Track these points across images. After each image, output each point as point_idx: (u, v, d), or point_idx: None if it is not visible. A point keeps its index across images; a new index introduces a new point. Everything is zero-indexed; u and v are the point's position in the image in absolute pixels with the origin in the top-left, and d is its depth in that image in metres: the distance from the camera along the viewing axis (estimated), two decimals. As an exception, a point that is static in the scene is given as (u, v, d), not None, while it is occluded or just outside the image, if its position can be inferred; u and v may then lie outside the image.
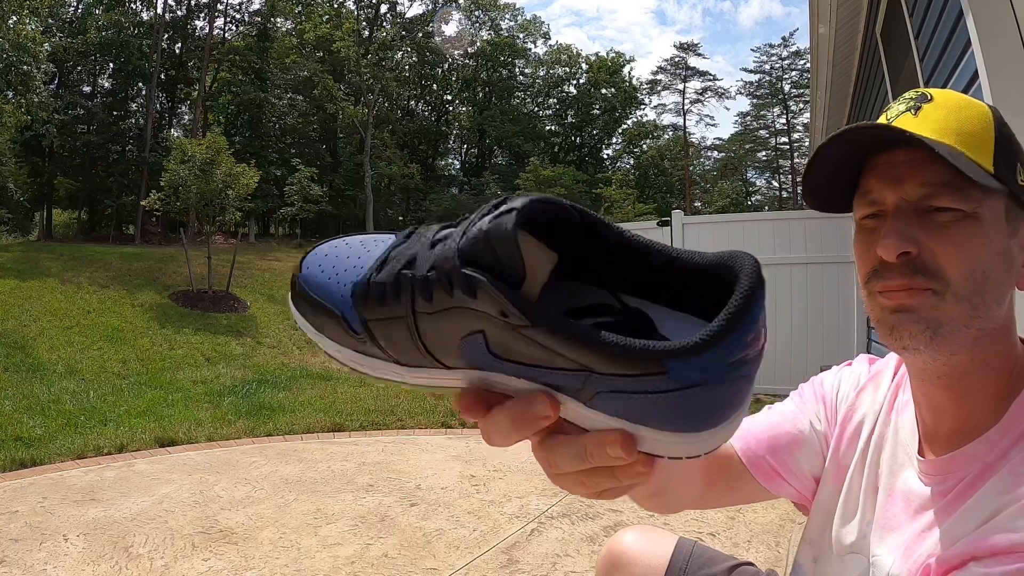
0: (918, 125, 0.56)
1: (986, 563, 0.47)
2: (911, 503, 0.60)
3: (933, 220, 0.54)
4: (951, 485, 0.56)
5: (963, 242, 0.53)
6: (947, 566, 0.50)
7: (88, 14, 26.03)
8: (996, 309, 0.54)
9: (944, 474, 0.58)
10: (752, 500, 0.82)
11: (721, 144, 40.27)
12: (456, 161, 40.46)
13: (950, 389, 0.57)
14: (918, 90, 0.59)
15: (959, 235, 0.53)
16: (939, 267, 0.54)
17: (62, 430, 4.69)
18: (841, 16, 4.62)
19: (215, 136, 13.85)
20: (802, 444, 0.76)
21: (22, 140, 20.76)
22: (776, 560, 2.23)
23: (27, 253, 15.17)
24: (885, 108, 0.61)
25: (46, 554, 2.42)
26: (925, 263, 0.54)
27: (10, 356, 7.86)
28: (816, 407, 0.78)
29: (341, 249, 0.39)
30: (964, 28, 1.96)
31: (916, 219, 0.55)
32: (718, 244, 5.95)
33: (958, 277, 0.53)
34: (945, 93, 0.58)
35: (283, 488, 3.30)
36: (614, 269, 0.35)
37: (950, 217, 0.54)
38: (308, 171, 22.27)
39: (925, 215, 0.55)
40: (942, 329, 0.54)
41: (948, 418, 0.59)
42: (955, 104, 0.57)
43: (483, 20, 36.74)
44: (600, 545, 2.40)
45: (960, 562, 0.49)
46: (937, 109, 0.57)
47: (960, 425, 0.58)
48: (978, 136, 0.55)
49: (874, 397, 0.72)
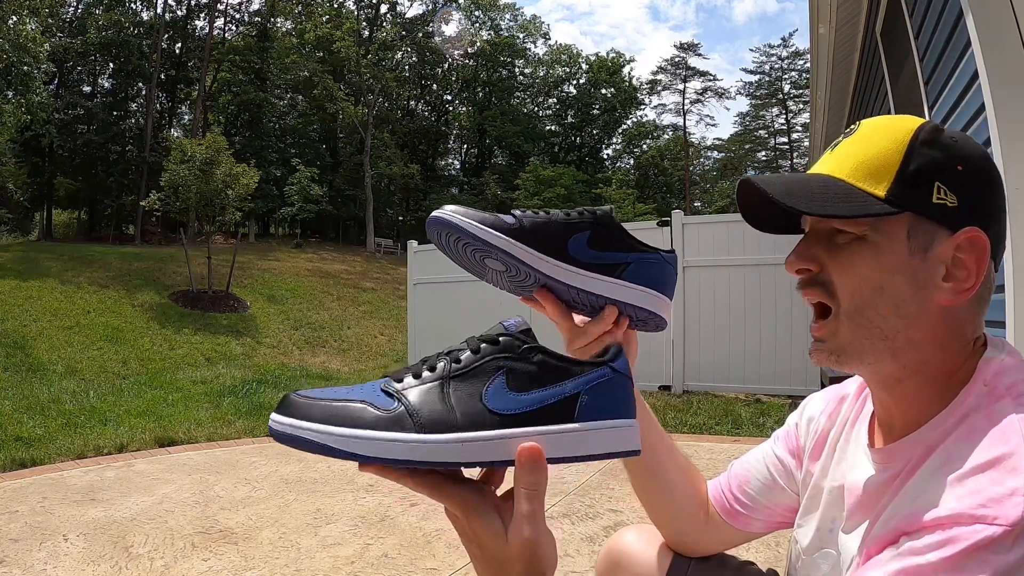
0: (827, 162, 0.63)
1: (914, 537, 0.50)
2: (868, 492, 0.64)
3: (833, 241, 0.62)
4: (899, 469, 0.60)
5: (852, 262, 0.60)
6: (883, 543, 0.53)
7: (88, 14, 26.02)
8: (898, 322, 0.59)
9: (892, 460, 0.61)
10: (735, 543, 0.90)
11: (721, 144, 40.31)
12: (456, 161, 40.47)
13: (890, 392, 0.63)
14: (857, 123, 0.65)
15: (848, 256, 0.60)
16: (833, 284, 0.62)
17: (62, 430, 4.69)
18: (841, 16, 4.62)
19: (215, 136, 13.85)
20: (763, 481, 0.84)
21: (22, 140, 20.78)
22: (776, 560, 2.23)
23: (27, 253, 15.17)
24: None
25: (46, 554, 2.42)
26: (824, 280, 0.62)
27: (10, 356, 7.86)
28: (783, 443, 0.85)
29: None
30: (964, 28, 1.96)
31: (822, 240, 0.63)
32: (718, 244, 5.95)
33: (845, 293, 0.61)
34: (873, 121, 0.63)
35: (283, 488, 3.30)
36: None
37: (845, 239, 0.61)
38: (308, 171, 22.29)
39: (831, 236, 0.62)
40: (844, 352, 0.62)
41: (898, 416, 0.64)
42: (872, 132, 0.61)
43: (483, 20, 36.75)
44: (600, 545, 2.40)
45: (894, 537, 0.52)
46: (853, 142, 0.62)
47: (909, 420, 0.62)
48: (879, 163, 0.59)
49: (840, 412, 0.78)
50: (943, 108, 2.40)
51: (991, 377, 0.57)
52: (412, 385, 0.50)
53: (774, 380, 5.67)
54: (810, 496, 0.77)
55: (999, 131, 1.71)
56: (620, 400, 0.52)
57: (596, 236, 0.68)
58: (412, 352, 8.00)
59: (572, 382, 0.50)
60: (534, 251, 0.65)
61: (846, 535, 0.66)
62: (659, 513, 0.90)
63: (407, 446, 0.46)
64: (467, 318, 6.70)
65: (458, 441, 0.47)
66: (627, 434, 0.51)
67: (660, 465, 0.86)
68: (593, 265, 0.68)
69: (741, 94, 45.41)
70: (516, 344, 0.50)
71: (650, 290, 0.69)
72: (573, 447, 0.49)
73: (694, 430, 4.57)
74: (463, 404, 0.48)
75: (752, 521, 0.86)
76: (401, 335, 12.05)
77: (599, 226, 0.68)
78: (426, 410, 0.48)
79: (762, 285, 5.76)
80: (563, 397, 0.50)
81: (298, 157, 25.91)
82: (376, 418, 0.47)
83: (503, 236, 0.65)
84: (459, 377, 0.50)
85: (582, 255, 0.67)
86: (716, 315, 5.92)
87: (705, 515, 0.88)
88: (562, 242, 0.67)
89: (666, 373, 6.04)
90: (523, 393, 0.49)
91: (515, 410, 0.49)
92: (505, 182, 31.36)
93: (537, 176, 27.77)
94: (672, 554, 0.91)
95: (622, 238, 0.69)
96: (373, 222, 27.62)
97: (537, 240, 0.66)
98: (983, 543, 0.45)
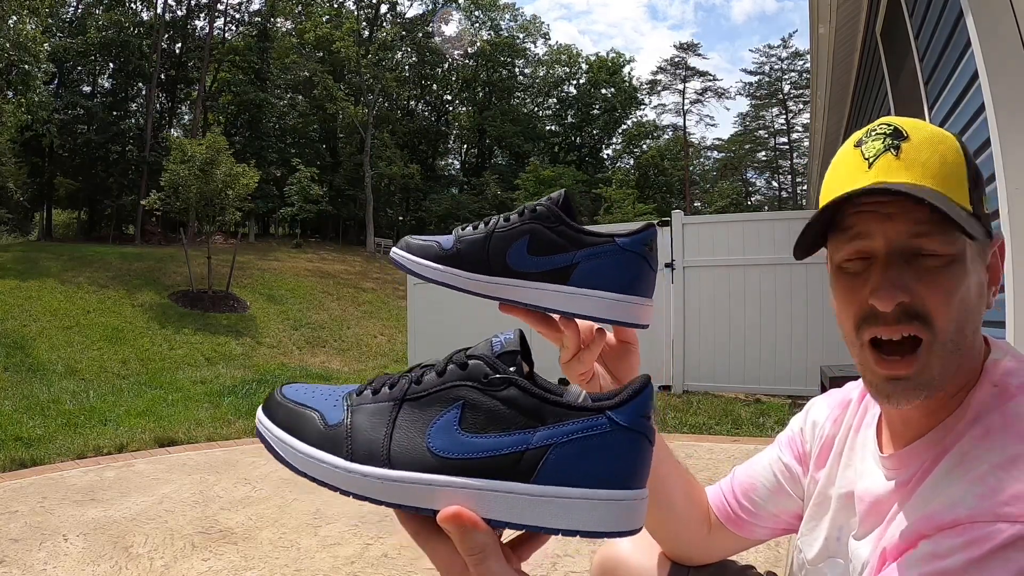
0: (903, 169, 0.55)
1: (934, 540, 0.48)
2: (879, 499, 0.62)
3: (922, 265, 0.55)
4: (911, 473, 0.59)
5: (949, 287, 0.54)
6: (900, 548, 0.52)
7: (88, 14, 26.00)
8: (973, 339, 0.57)
9: (905, 465, 0.60)
10: (736, 550, 0.88)
11: (721, 144, 40.29)
12: (456, 161, 40.45)
13: (920, 409, 0.59)
14: (887, 122, 0.58)
15: (946, 281, 0.54)
16: (928, 313, 0.55)
17: (62, 430, 4.69)
18: (841, 16, 4.62)
19: (215, 136, 13.84)
20: (770, 488, 0.82)
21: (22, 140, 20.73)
22: (776, 560, 2.22)
23: (27, 253, 15.16)
24: (859, 143, 0.59)
25: (46, 554, 2.42)
26: (916, 310, 0.55)
27: (10, 356, 7.86)
28: (789, 449, 0.82)
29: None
30: (964, 28, 1.96)
31: (906, 265, 0.55)
32: (718, 244, 5.95)
33: (945, 323, 0.55)
34: (916, 127, 0.58)
35: (283, 488, 3.30)
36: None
37: (937, 263, 0.54)
38: (308, 171, 22.25)
39: (913, 260, 0.55)
40: (934, 384, 0.56)
41: (909, 421, 0.62)
42: (930, 140, 0.57)
43: (483, 20, 36.73)
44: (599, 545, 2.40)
45: (912, 542, 0.51)
46: (918, 149, 0.56)
47: (920, 425, 0.60)
48: (956, 175, 0.55)
49: (844, 417, 0.76)
50: (943, 108, 2.40)
51: (1000, 378, 0.57)
52: (367, 401, 0.44)
53: (774, 380, 5.67)
54: (816, 504, 0.75)
55: (999, 131, 1.71)
56: (610, 463, 0.38)
57: (535, 240, 0.59)
58: (412, 352, 7.99)
59: (545, 430, 0.39)
60: (468, 273, 0.61)
61: (857, 542, 0.65)
62: (661, 532, 0.86)
63: (334, 472, 0.41)
64: (467, 319, 6.70)
65: (379, 478, 0.41)
66: (609, 510, 0.38)
67: (667, 497, 0.80)
68: (537, 274, 0.59)
69: (741, 94, 45.40)
70: (484, 372, 0.40)
71: (606, 293, 0.57)
72: (522, 513, 0.38)
73: (694, 430, 4.57)
74: (403, 436, 0.41)
75: (756, 528, 0.84)
76: (401, 335, 12.04)
77: (537, 227, 0.59)
78: (362, 437, 0.42)
79: (762, 285, 5.75)
80: (523, 448, 0.38)
81: (298, 157, 25.86)
82: (319, 434, 0.43)
83: (438, 266, 0.63)
84: (413, 402, 0.42)
85: (523, 264, 0.59)
86: (716, 315, 5.92)
87: (708, 529, 0.86)
88: (501, 255, 0.60)
89: (666, 373, 6.04)
90: (476, 435, 0.39)
91: (458, 455, 0.39)
92: (505, 182, 31.34)
93: (537, 176, 27.75)
94: (670, 562, 0.88)
95: (566, 234, 0.59)
96: (373, 222, 27.60)
97: (474, 261, 0.61)
98: (1007, 541, 0.45)
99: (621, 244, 0.58)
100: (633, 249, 0.58)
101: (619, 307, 0.58)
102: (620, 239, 0.59)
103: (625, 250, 0.58)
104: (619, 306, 0.58)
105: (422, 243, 0.65)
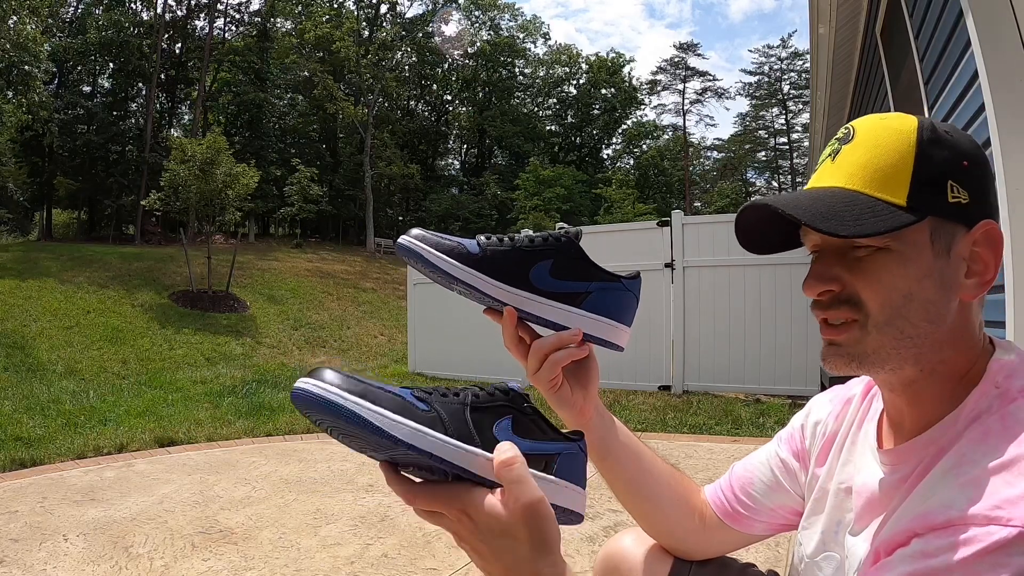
0: (834, 173, 0.60)
1: (926, 538, 0.49)
2: (877, 494, 0.63)
3: (853, 255, 0.60)
4: (909, 471, 0.59)
5: (878, 275, 0.58)
6: (893, 544, 0.53)
7: (88, 14, 26.02)
8: (928, 327, 0.58)
9: (903, 462, 0.61)
10: (736, 546, 0.89)
11: (721, 144, 40.33)
12: (456, 161, 40.48)
13: (902, 394, 0.62)
14: (849, 125, 0.62)
15: (874, 268, 0.58)
16: (860, 299, 0.59)
17: (62, 430, 4.69)
18: (841, 16, 4.62)
19: (215, 136, 13.84)
20: (767, 483, 0.84)
21: (22, 140, 20.77)
22: (776, 560, 2.23)
23: (27, 253, 15.16)
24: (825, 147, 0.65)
25: (46, 554, 2.42)
26: (849, 296, 0.60)
27: (10, 356, 7.86)
28: (787, 445, 0.84)
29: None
30: (964, 28, 1.96)
31: (839, 257, 0.61)
32: (718, 244, 5.95)
33: (877, 307, 0.58)
34: (867, 123, 0.61)
35: (283, 488, 3.30)
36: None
37: (866, 252, 0.59)
38: (308, 171, 22.27)
39: (848, 251, 0.60)
40: (867, 359, 0.60)
41: (909, 418, 0.63)
42: (874, 136, 0.59)
43: (483, 20, 36.73)
44: (600, 545, 2.40)
45: (905, 539, 0.52)
46: (855, 149, 0.60)
47: (920, 421, 0.61)
48: (893, 169, 0.57)
49: (846, 414, 0.77)
50: (943, 108, 2.40)
51: (1003, 379, 0.57)
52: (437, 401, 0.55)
53: (774, 380, 5.67)
54: (816, 498, 0.76)
55: (999, 131, 1.71)
56: (578, 471, 0.61)
57: (559, 264, 0.70)
58: (412, 352, 7.99)
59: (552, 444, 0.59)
60: (495, 281, 0.68)
61: (853, 537, 0.66)
62: (651, 525, 0.89)
63: (438, 443, 0.52)
64: (467, 319, 6.70)
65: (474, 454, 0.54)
66: (578, 498, 0.61)
67: (648, 488, 0.86)
68: (554, 294, 0.70)
69: (741, 94, 45.40)
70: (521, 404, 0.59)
71: (609, 320, 0.71)
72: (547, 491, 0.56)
73: (694, 430, 4.57)
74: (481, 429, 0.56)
75: (754, 523, 0.85)
76: (401, 335, 12.05)
77: (561, 254, 0.70)
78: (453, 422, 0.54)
79: (762, 285, 5.76)
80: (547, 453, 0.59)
81: (298, 157, 25.90)
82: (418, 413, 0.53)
83: (464, 267, 0.67)
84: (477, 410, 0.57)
85: (544, 284, 0.69)
86: (716, 315, 5.92)
87: (700, 521, 0.87)
88: (525, 270, 0.69)
89: (666, 373, 6.04)
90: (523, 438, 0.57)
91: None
92: (505, 182, 31.36)
93: (537, 176, 27.75)
94: (672, 558, 0.89)
95: (585, 266, 0.71)
96: (373, 222, 27.62)
97: (499, 269, 0.68)
98: (997, 545, 0.45)
99: (626, 285, 0.73)
100: (632, 290, 0.73)
101: (615, 332, 0.72)
102: (625, 281, 0.73)
103: (627, 290, 0.72)
104: (615, 331, 0.72)
105: (441, 240, 0.68)
